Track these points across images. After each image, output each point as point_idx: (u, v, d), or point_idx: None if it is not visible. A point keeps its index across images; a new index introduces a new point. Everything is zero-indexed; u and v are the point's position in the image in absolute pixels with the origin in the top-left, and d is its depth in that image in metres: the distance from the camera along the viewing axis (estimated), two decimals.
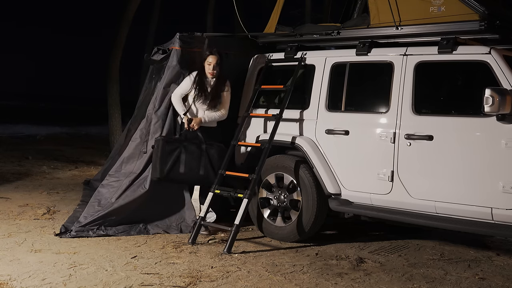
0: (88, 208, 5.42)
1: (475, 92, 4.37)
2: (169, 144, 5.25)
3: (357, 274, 4.37)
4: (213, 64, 5.41)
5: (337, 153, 5.10)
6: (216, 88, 5.47)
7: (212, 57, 5.43)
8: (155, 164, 5.25)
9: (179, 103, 5.49)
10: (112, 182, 5.64)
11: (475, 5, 4.53)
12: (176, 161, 5.24)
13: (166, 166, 5.20)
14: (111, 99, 11.15)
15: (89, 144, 13.93)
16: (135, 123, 6.46)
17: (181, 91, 5.51)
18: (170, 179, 5.30)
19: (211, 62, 5.42)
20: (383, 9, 5.03)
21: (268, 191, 5.45)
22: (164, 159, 5.20)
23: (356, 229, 6.02)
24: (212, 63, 5.41)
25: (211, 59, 5.42)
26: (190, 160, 5.28)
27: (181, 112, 5.47)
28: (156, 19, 18.08)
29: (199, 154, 5.32)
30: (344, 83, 5.22)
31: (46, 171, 9.02)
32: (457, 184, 4.48)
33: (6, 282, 3.84)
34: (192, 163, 5.29)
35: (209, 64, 5.42)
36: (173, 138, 5.41)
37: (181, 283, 4.00)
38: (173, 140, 5.35)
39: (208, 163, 5.33)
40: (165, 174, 5.21)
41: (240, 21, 6.44)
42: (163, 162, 5.20)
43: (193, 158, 5.30)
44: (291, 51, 5.60)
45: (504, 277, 4.44)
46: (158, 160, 5.21)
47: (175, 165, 5.24)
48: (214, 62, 5.41)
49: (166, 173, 5.21)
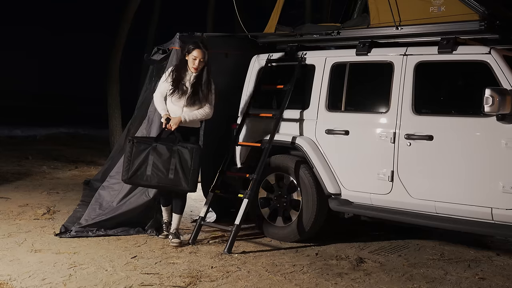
0: (89, 210, 5.41)
1: (475, 92, 4.37)
2: (138, 144, 4.90)
3: (357, 274, 4.37)
4: (198, 59, 4.99)
5: (337, 153, 5.10)
6: (195, 84, 5.03)
7: (198, 51, 5.00)
8: (123, 166, 4.97)
9: (161, 103, 5.12)
10: (113, 184, 5.63)
11: (475, 5, 4.53)
12: (143, 163, 4.86)
13: (132, 168, 4.86)
14: (111, 99, 11.16)
15: (89, 144, 13.92)
16: (135, 123, 6.47)
17: (161, 89, 5.15)
18: (135, 183, 5.01)
19: (196, 56, 4.99)
20: (383, 9, 5.03)
21: (268, 191, 5.44)
22: (129, 161, 4.87)
23: (356, 229, 6.01)
24: (197, 57, 4.99)
25: (196, 53, 5.00)
26: (158, 162, 4.86)
27: (162, 112, 5.09)
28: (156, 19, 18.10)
29: (169, 156, 4.86)
30: (344, 83, 5.22)
31: (46, 171, 9.02)
32: (457, 184, 4.48)
33: (6, 282, 3.84)
34: (159, 165, 4.85)
35: (194, 58, 5.00)
36: (143, 138, 5.09)
37: (181, 283, 4.00)
38: (143, 140, 5.00)
39: (179, 166, 4.84)
40: (129, 177, 4.89)
41: (240, 21, 6.43)
42: (129, 164, 4.87)
43: (162, 160, 4.86)
44: (291, 51, 5.60)
45: (504, 277, 4.44)
46: (124, 161, 4.92)
47: (141, 167, 4.87)
48: (200, 57, 5.00)
49: (130, 176, 4.88)
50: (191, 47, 5.04)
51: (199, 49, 5.01)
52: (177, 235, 5.05)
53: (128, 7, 11.37)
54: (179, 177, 4.84)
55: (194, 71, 5.03)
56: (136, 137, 5.05)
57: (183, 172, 4.83)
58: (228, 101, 5.79)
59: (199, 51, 5.00)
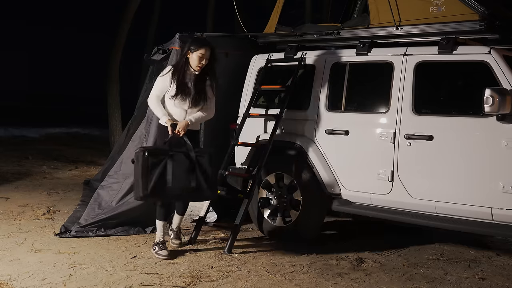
0: (88, 210, 5.42)
1: (475, 92, 4.37)
2: (152, 156, 4.36)
3: (357, 274, 4.37)
4: (205, 57, 4.67)
5: (337, 153, 5.10)
6: (200, 83, 4.73)
7: (206, 48, 4.67)
8: (137, 182, 4.37)
9: (158, 106, 4.72)
10: (111, 184, 5.64)
11: (475, 5, 4.53)
12: (162, 175, 4.36)
13: (150, 183, 4.30)
14: (111, 99, 11.16)
15: (89, 144, 13.93)
16: (135, 123, 6.48)
17: (158, 92, 4.76)
18: (156, 197, 4.51)
19: (203, 54, 4.66)
20: (383, 9, 5.03)
21: (268, 191, 5.44)
22: (146, 175, 4.30)
23: (356, 229, 6.02)
24: (204, 55, 4.66)
25: (203, 51, 4.66)
26: (179, 171, 4.42)
27: (161, 116, 4.69)
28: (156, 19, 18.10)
29: (188, 164, 4.46)
30: (344, 83, 5.22)
31: (46, 171, 9.02)
32: (457, 184, 4.48)
33: (6, 282, 3.84)
34: (181, 175, 4.42)
35: (200, 56, 4.65)
36: (155, 149, 4.58)
37: (181, 283, 4.00)
38: (156, 151, 4.46)
39: (200, 173, 4.48)
40: (149, 192, 4.31)
41: (240, 21, 6.43)
42: (145, 178, 4.30)
43: (182, 169, 4.44)
44: (291, 51, 5.60)
45: (504, 277, 4.44)
46: (140, 176, 4.31)
47: (161, 180, 4.36)
48: (207, 55, 4.68)
49: (151, 191, 4.31)
50: (197, 45, 4.69)
51: (207, 46, 4.70)
52: (178, 235, 4.99)
53: (128, 7, 11.37)
54: (202, 185, 4.50)
55: (198, 70, 4.70)
56: (147, 148, 4.45)
57: (204, 179, 4.50)
58: (228, 101, 5.79)
59: (207, 49, 4.69)
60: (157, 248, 4.65)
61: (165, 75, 4.76)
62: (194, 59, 4.67)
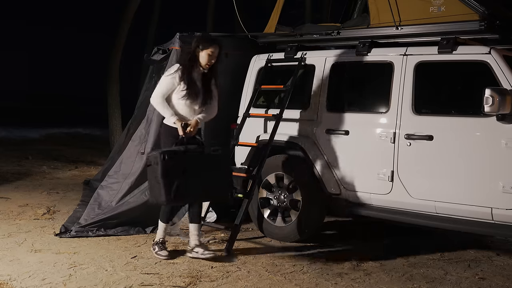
0: (88, 210, 5.42)
1: (475, 92, 4.37)
2: (171, 159, 4.20)
3: (357, 274, 4.37)
4: (214, 55, 4.60)
5: (337, 153, 5.10)
6: (207, 82, 4.67)
7: (215, 46, 4.60)
8: (157, 186, 4.20)
9: (164, 105, 4.57)
10: (111, 184, 5.64)
11: (475, 5, 4.53)
12: (182, 178, 4.23)
13: (172, 187, 4.16)
14: (111, 99, 11.16)
15: (89, 144, 13.93)
16: (135, 123, 6.48)
17: (163, 91, 4.60)
18: (179, 200, 4.40)
19: (213, 52, 4.58)
20: (383, 9, 5.03)
21: (268, 191, 5.44)
22: (168, 179, 4.16)
23: (356, 229, 6.02)
24: (214, 53, 4.59)
25: (213, 49, 4.58)
26: (197, 172, 4.31)
27: (169, 116, 4.55)
28: (156, 19, 18.10)
29: (205, 163, 4.38)
30: (344, 83, 5.21)
31: (46, 171, 9.02)
32: (457, 184, 4.48)
33: (6, 282, 3.84)
34: (199, 175, 4.32)
35: (209, 54, 4.57)
36: (173, 151, 4.35)
37: (181, 283, 4.00)
38: (173, 153, 4.29)
39: (217, 172, 4.43)
40: (173, 197, 4.19)
41: (240, 21, 6.43)
42: (168, 183, 4.15)
43: (200, 169, 4.33)
44: (291, 51, 5.60)
45: (504, 277, 4.44)
46: (161, 180, 4.14)
47: (182, 182, 4.22)
48: (216, 53, 4.62)
49: (174, 195, 4.18)
50: (206, 43, 4.59)
51: (216, 44, 4.62)
52: (206, 247, 4.70)
53: (128, 7, 11.37)
54: (220, 183, 4.47)
55: (207, 67, 4.63)
56: (166, 152, 4.26)
57: (221, 177, 4.48)
58: (228, 101, 5.79)
59: (216, 47, 4.61)
60: (157, 248, 4.64)
61: (173, 74, 4.61)
62: (204, 57, 4.59)
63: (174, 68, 4.67)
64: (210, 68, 4.65)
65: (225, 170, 4.54)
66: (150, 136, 5.69)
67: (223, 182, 4.49)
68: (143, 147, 5.69)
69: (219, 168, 4.44)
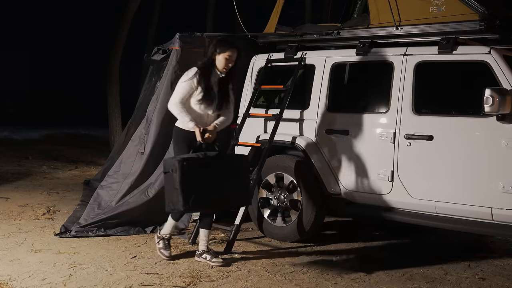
0: (87, 210, 5.42)
1: (475, 92, 4.37)
2: (190, 167, 4.09)
3: (357, 274, 4.37)
4: (233, 59, 4.47)
5: (337, 153, 5.10)
6: (224, 86, 4.54)
7: (233, 50, 4.46)
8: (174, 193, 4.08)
9: (182, 111, 4.41)
10: (111, 183, 5.64)
11: (475, 5, 4.53)
12: (201, 185, 4.13)
13: (190, 194, 4.07)
14: (111, 99, 11.17)
15: (89, 144, 13.93)
16: (135, 123, 6.48)
17: (181, 96, 4.44)
18: (197, 208, 4.32)
19: (230, 55, 4.44)
20: (383, 9, 5.03)
21: (268, 191, 5.44)
22: (187, 187, 4.05)
23: (356, 229, 6.02)
24: (232, 57, 4.46)
25: (231, 53, 4.44)
26: (215, 179, 4.22)
27: (187, 122, 4.39)
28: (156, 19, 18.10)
29: (223, 170, 4.27)
30: (344, 83, 5.21)
31: (46, 171, 9.02)
32: (457, 184, 4.48)
33: (6, 282, 3.84)
34: (217, 182, 4.22)
35: (227, 58, 4.43)
36: (192, 158, 4.21)
37: (181, 283, 4.00)
38: (192, 160, 4.17)
39: (236, 180, 4.33)
40: (191, 205, 4.09)
41: (240, 21, 6.43)
42: (186, 191, 4.04)
43: (218, 176, 4.24)
44: (291, 51, 5.60)
45: (504, 277, 4.44)
46: (179, 189, 4.03)
47: (201, 190, 4.13)
48: (234, 56, 4.48)
49: (193, 203, 4.08)
50: (224, 46, 4.47)
51: (234, 48, 4.48)
52: (216, 254, 4.59)
53: (128, 7, 11.37)
54: (239, 191, 4.38)
55: (225, 72, 4.50)
56: (184, 159, 4.13)
57: (241, 185, 4.39)
58: None
59: (234, 50, 4.47)
60: (162, 244, 4.57)
61: (190, 78, 4.44)
62: (221, 61, 4.46)
63: (191, 72, 4.49)
64: (227, 72, 4.52)
65: (244, 177, 4.44)
66: (150, 136, 5.69)
67: (243, 189, 4.40)
68: (143, 147, 5.69)
69: (238, 175, 4.36)
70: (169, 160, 4.23)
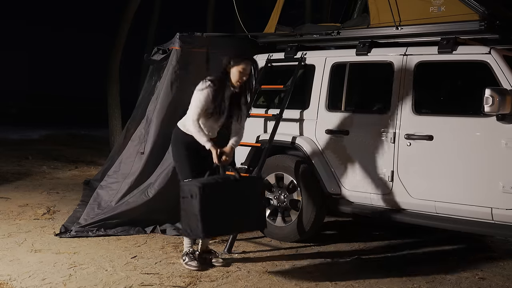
0: (87, 210, 5.42)
1: (475, 92, 4.37)
2: (210, 194, 4.00)
3: (357, 274, 4.36)
4: (246, 72, 4.32)
5: (337, 153, 5.10)
6: (236, 99, 4.41)
7: (247, 63, 4.31)
8: (192, 219, 4.00)
9: (200, 131, 4.24)
10: (110, 183, 5.64)
11: (475, 5, 4.53)
12: (220, 209, 4.07)
13: (210, 220, 4.00)
14: (111, 99, 11.17)
15: (89, 144, 13.92)
16: (135, 123, 6.48)
17: (198, 111, 4.24)
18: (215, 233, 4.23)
19: (244, 69, 4.29)
20: (383, 9, 5.03)
21: (268, 191, 5.44)
22: (207, 214, 3.98)
23: (356, 229, 6.02)
24: (246, 70, 4.31)
25: (244, 65, 4.29)
26: (233, 202, 4.15)
27: (205, 142, 4.22)
28: (156, 19, 18.09)
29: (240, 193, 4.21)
30: (344, 83, 5.22)
31: (46, 171, 9.01)
32: (457, 184, 4.47)
33: (6, 282, 3.84)
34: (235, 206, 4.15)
35: (240, 71, 4.28)
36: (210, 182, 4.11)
37: (181, 283, 4.00)
38: (211, 184, 4.09)
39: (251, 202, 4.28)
40: (209, 230, 4.05)
41: (240, 21, 6.43)
42: (206, 218, 3.96)
43: (236, 200, 4.16)
44: (291, 51, 5.60)
45: (504, 277, 4.44)
46: (199, 216, 3.95)
47: (220, 214, 4.07)
48: (248, 69, 4.33)
49: (211, 228, 4.04)
50: (238, 58, 4.31)
51: (248, 60, 4.34)
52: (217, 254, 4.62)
53: (128, 7, 11.37)
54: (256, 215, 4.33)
55: (238, 85, 4.34)
56: (204, 184, 4.03)
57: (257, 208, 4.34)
58: None
59: (248, 63, 4.32)
60: (187, 258, 4.41)
61: (204, 90, 4.27)
62: (234, 74, 4.31)
63: (204, 84, 4.30)
64: (241, 86, 4.38)
65: (259, 200, 4.40)
66: (149, 136, 5.69)
67: (259, 212, 4.35)
68: (143, 147, 5.70)
69: (254, 198, 4.31)
70: (187, 185, 4.11)
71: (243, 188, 4.25)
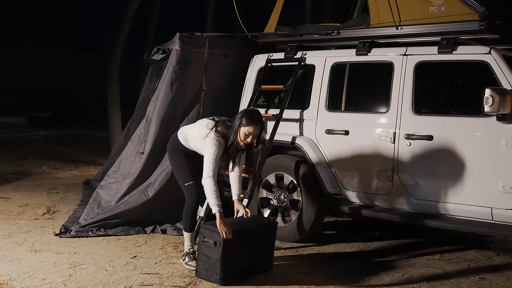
0: (87, 210, 5.42)
1: (475, 92, 4.37)
2: (235, 243, 4.01)
3: (357, 274, 4.37)
4: (253, 136, 4.18)
5: (337, 153, 5.10)
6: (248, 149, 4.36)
7: (254, 128, 4.14)
8: (213, 265, 3.99)
9: (214, 193, 4.04)
10: (110, 183, 5.65)
11: (475, 5, 4.53)
12: (241, 256, 4.12)
13: (231, 268, 4.02)
14: (111, 99, 11.16)
15: (89, 144, 13.92)
16: (135, 123, 6.48)
17: (213, 167, 4.08)
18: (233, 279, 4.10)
19: (251, 132, 4.15)
20: (383, 9, 5.03)
21: (268, 191, 5.44)
22: (230, 261, 4.01)
23: (356, 229, 6.02)
24: (253, 133, 4.16)
25: (252, 129, 4.14)
26: (251, 250, 4.19)
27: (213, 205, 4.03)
28: (156, 19, 18.08)
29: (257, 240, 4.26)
30: (344, 83, 5.22)
31: (46, 171, 9.01)
32: (457, 184, 4.48)
33: (6, 282, 3.84)
34: (251, 253, 4.19)
35: (246, 133, 4.15)
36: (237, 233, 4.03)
37: (181, 283, 4.00)
38: (238, 234, 4.03)
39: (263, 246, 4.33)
40: (230, 279, 4.02)
41: (240, 21, 6.43)
42: (228, 265, 3.99)
43: (253, 247, 4.20)
44: (291, 51, 5.60)
45: (504, 277, 4.44)
46: (220, 264, 3.96)
47: (240, 260, 4.12)
48: (256, 134, 4.18)
49: (231, 276, 4.03)
50: (248, 120, 4.13)
51: (257, 125, 4.16)
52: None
53: (128, 7, 11.37)
54: (265, 256, 4.36)
55: (243, 145, 4.24)
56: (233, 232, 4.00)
57: (269, 251, 4.39)
58: (228, 101, 5.79)
59: (256, 128, 4.15)
60: (187, 258, 4.41)
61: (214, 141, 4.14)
62: (242, 134, 4.17)
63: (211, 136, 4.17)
64: (247, 146, 4.28)
65: (272, 243, 4.45)
66: (149, 136, 5.69)
67: (269, 254, 4.39)
68: (143, 147, 5.69)
69: (268, 242, 4.39)
70: (212, 230, 4.03)
71: (262, 234, 4.32)
